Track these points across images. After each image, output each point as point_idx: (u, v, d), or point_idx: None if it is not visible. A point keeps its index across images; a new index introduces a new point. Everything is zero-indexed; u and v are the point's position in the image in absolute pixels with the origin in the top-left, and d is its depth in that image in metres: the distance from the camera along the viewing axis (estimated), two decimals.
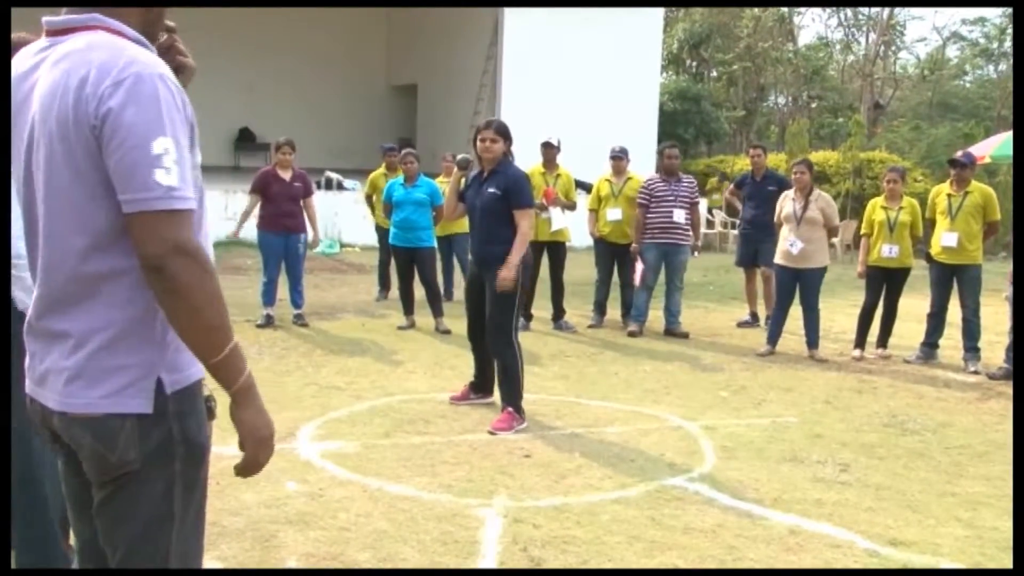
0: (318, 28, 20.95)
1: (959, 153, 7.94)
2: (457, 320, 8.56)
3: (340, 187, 15.19)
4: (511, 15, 17.12)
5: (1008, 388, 7.05)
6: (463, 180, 6.01)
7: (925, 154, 18.42)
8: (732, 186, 10.32)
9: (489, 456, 5.01)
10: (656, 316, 8.94)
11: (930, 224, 7.90)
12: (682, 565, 3.73)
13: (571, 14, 17.02)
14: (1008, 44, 26.58)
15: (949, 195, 7.67)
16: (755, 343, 8.46)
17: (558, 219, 8.78)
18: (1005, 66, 27.99)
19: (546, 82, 16.83)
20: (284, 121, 20.33)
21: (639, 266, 8.92)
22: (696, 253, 9.06)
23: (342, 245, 14.27)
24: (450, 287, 10.09)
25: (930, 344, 7.87)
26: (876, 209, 7.95)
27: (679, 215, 8.60)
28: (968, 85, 27.58)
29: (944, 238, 7.60)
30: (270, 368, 6.89)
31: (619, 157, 9.17)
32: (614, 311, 9.20)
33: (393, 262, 9.02)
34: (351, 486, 4.47)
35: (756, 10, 24.86)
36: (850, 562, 3.82)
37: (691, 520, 4.18)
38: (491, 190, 5.65)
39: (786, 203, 7.98)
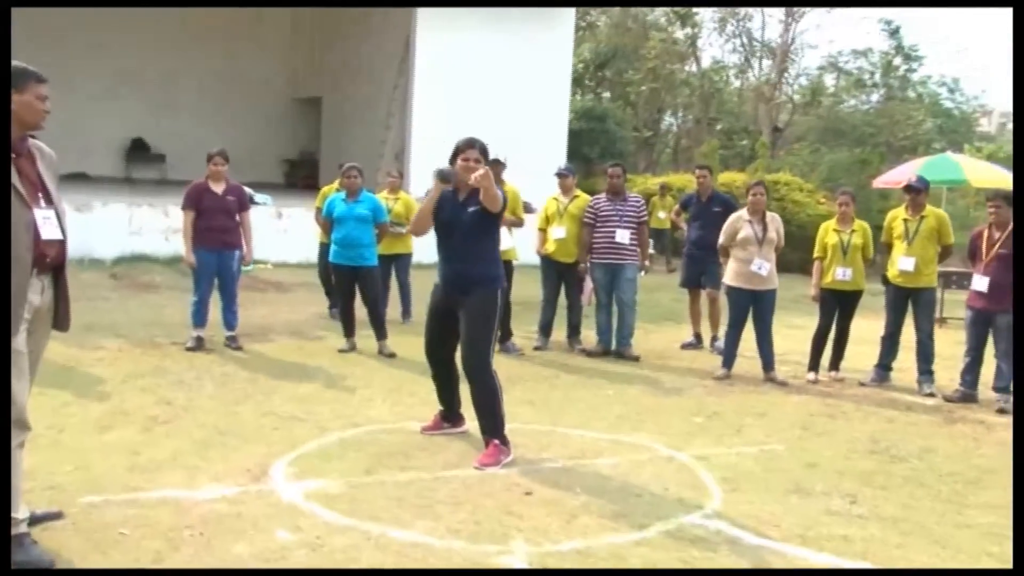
0: (217, 36, 20.07)
1: (913, 178, 7.96)
2: (400, 341, 8.18)
3: (252, 201, 14.42)
4: (423, 29, 16.71)
5: (968, 411, 7.07)
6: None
7: (826, 177, 18.88)
8: (677, 206, 10.18)
9: (488, 494, 4.62)
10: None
11: (885, 248, 7.91)
12: None
13: (484, 30, 16.71)
14: (885, 74, 27.70)
15: (905, 220, 7.69)
16: (705, 364, 8.31)
17: (505, 238, 8.43)
18: (877, 96, 29.19)
19: (459, 97, 16.46)
20: (180, 131, 19.45)
21: (587, 285, 8.68)
22: (643, 272, 8.84)
23: (255, 262, 13.54)
24: (407, 304, 9.69)
25: (884, 366, 7.86)
26: (829, 232, 7.91)
27: (622, 235, 8.39)
28: (850, 112, 28.55)
29: (901, 262, 7.61)
30: (215, 396, 6.31)
31: (564, 175, 8.93)
32: (559, 331, 8.90)
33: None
34: (351, 533, 4.02)
35: (667, 32, 25.17)
36: None
37: (726, 563, 3.91)
38: (472, 208, 5.25)
39: (741, 225, 7.84)
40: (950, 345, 8.51)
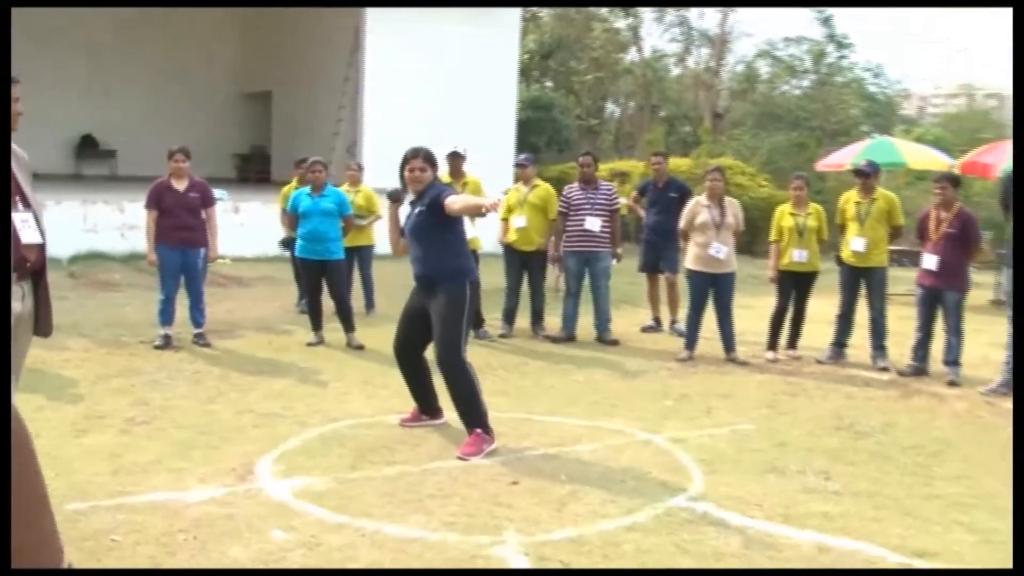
0: (165, 32, 19.56)
1: (863, 163, 8.06)
2: (366, 333, 8.09)
3: None
4: (372, 22, 16.47)
5: (921, 385, 7.20)
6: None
7: (766, 160, 19.08)
8: (635, 193, 10.17)
9: (474, 485, 4.56)
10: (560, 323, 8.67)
11: (840, 229, 7.99)
12: None
13: (432, 23, 16.54)
14: (823, 61, 28.08)
15: (857, 202, 7.77)
16: (667, 347, 8.35)
17: (468, 228, 8.35)
18: (808, 82, 29.57)
19: (409, 90, 16.28)
20: (130, 127, 18.94)
21: (557, 272, 8.69)
22: (616, 260, 8.82)
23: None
24: (370, 296, 9.57)
25: (840, 344, 7.96)
26: (784, 216, 7.97)
27: (592, 223, 8.37)
28: (785, 98, 28.88)
29: (854, 243, 7.70)
30: (190, 395, 6.15)
31: (523, 165, 8.86)
32: (521, 318, 8.85)
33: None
34: (345, 530, 3.93)
35: (607, 22, 25.19)
36: None
37: (717, 545, 3.89)
38: (418, 210, 5.31)
39: (700, 210, 7.86)
40: (895, 320, 8.62)
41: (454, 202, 5.10)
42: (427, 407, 5.64)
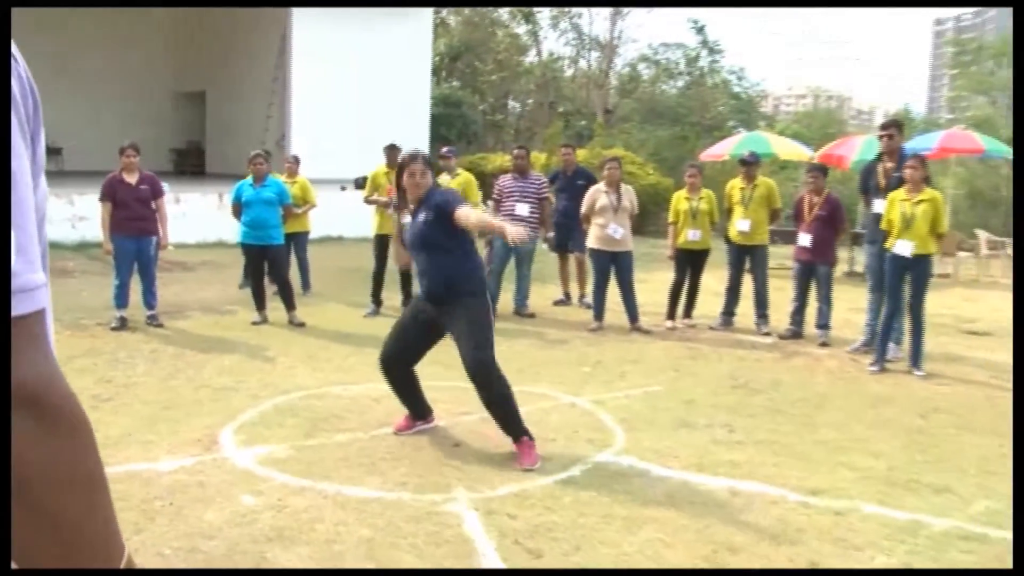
0: (106, 37, 18.62)
1: (746, 153, 8.22)
2: (306, 311, 7.93)
3: None
4: (298, 25, 16.02)
5: (799, 347, 7.40)
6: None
7: (653, 152, 19.34)
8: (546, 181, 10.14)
9: (421, 449, 4.51)
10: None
11: (727, 212, 8.14)
12: (663, 537, 3.48)
13: (353, 25, 16.18)
14: (698, 63, 28.57)
15: (742, 188, 7.93)
16: (578, 319, 8.39)
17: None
18: (683, 83, 30.09)
19: (333, 88, 15.93)
20: (74, 126, 18.00)
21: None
22: (546, 244, 8.82)
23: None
24: (306, 277, 9.36)
25: (729, 313, 8.13)
26: (680, 200, 8.08)
27: (522, 209, 8.35)
28: (664, 96, 29.32)
29: (739, 224, 7.86)
30: (149, 373, 5.90)
31: (447, 157, 8.79)
32: None
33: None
34: (308, 493, 3.83)
35: (508, 28, 25.11)
36: (794, 516, 3.74)
37: (645, 493, 3.94)
38: (422, 217, 4.43)
39: (599, 196, 7.90)
40: (773, 291, 8.80)
41: (468, 216, 4.31)
42: (419, 412, 4.86)
